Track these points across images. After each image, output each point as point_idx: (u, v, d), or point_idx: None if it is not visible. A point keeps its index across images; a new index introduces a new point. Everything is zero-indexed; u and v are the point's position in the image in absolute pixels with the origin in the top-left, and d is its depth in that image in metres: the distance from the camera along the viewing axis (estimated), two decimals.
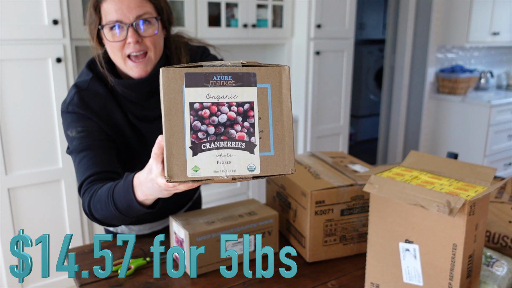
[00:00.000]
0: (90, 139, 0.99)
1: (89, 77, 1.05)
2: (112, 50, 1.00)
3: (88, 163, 0.97)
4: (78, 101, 1.00)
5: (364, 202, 1.18)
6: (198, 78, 0.52)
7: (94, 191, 0.94)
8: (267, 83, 0.52)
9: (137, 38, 0.96)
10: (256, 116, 0.53)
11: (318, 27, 2.84)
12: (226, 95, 0.52)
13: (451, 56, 4.15)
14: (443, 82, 4.02)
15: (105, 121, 1.02)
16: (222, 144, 0.52)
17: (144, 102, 1.06)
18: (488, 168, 0.90)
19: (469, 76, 3.99)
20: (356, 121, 5.57)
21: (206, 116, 0.51)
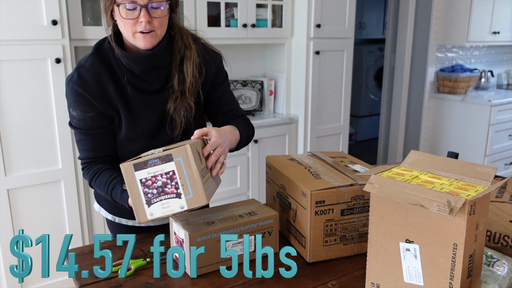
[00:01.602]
0: (87, 126, 1.19)
1: (89, 54, 1.20)
2: (124, 25, 1.12)
3: (85, 147, 1.22)
4: (77, 78, 1.16)
5: (364, 202, 1.18)
6: (140, 165, 0.89)
7: (95, 174, 1.21)
8: (179, 157, 0.89)
9: (148, 18, 1.10)
10: (178, 177, 0.89)
11: (318, 26, 2.83)
12: (158, 170, 0.89)
13: (451, 56, 4.15)
14: (443, 81, 4.01)
15: (98, 96, 1.17)
16: (162, 198, 0.90)
17: (145, 75, 1.19)
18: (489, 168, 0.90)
19: (470, 75, 3.98)
20: (356, 121, 5.57)
21: (149, 184, 0.90)
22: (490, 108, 3.65)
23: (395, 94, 4.14)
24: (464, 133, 3.86)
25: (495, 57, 4.62)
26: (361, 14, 5.44)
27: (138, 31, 1.11)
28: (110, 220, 1.42)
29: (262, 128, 2.81)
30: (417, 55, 4.00)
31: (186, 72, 1.20)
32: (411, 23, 3.92)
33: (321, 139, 3.09)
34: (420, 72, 4.01)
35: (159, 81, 1.22)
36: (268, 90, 3.03)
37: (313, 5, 2.79)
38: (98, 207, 1.44)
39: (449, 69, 4.01)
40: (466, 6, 3.70)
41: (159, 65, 1.19)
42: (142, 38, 1.12)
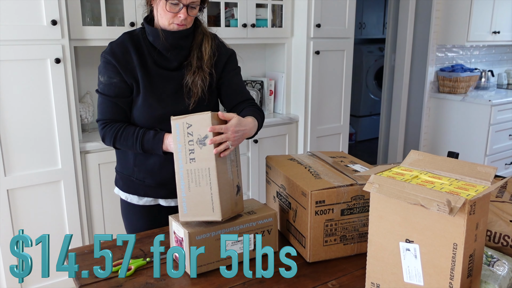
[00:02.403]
0: (112, 92, 1.38)
1: (122, 34, 1.44)
2: (164, 15, 1.34)
3: (107, 109, 1.40)
4: (109, 49, 1.40)
5: (364, 202, 1.18)
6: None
7: (119, 129, 1.38)
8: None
9: (186, 15, 1.34)
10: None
11: (318, 26, 2.83)
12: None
13: (452, 55, 4.15)
14: (443, 81, 4.01)
15: (123, 64, 1.37)
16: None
17: (166, 52, 1.40)
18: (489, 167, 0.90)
19: (470, 75, 3.98)
20: (356, 121, 5.57)
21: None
22: (490, 108, 3.65)
23: (395, 94, 4.14)
24: (464, 133, 3.86)
25: (495, 57, 4.61)
26: (361, 14, 5.44)
27: (174, 23, 1.35)
28: (124, 201, 1.55)
29: (262, 128, 2.80)
30: (417, 55, 4.00)
31: (204, 51, 1.42)
32: (411, 23, 3.92)
33: (321, 139, 3.08)
34: (420, 72, 4.01)
35: (178, 59, 1.42)
36: (268, 90, 3.03)
37: (313, 5, 2.78)
38: (117, 189, 1.57)
39: (449, 68, 4.01)
40: (466, 6, 3.70)
41: (180, 45, 1.40)
42: (176, 27, 1.36)
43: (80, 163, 2.19)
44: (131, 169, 1.49)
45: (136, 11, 2.28)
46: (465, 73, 3.93)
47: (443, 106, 4.00)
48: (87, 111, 2.37)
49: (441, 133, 4.05)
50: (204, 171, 1.10)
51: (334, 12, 2.91)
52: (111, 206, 2.32)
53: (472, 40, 3.78)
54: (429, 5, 3.83)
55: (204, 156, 1.10)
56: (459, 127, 3.90)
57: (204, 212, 1.11)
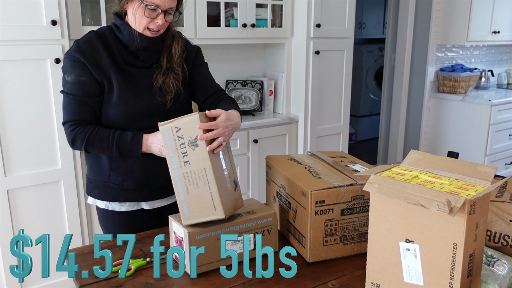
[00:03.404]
0: (79, 91, 1.33)
1: (88, 32, 1.41)
2: (140, 20, 1.33)
3: (75, 109, 1.34)
4: (75, 47, 1.34)
5: (364, 202, 1.18)
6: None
7: (90, 131, 1.32)
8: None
9: (163, 21, 1.33)
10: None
11: (318, 26, 2.83)
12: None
13: (451, 55, 4.15)
14: (443, 81, 4.01)
15: (92, 62, 1.33)
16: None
17: (138, 52, 1.38)
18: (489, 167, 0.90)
19: (470, 75, 3.98)
20: (356, 121, 5.57)
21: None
22: (490, 108, 3.65)
23: (395, 94, 4.14)
24: (464, 133, 3.86)
25: (495, 57, 4.61)
26: (361, 14, 5.44)
27: (148, 27, 1.33)
28: (103, 210, 1.46)
29: (262, 128, 2.81)
30: (417, 54, 4.00)
31: (174, 52, 1.43)
32: (411, 23, 3.91)
33: (321, 139, 3.08)
34: (420, 71, 4.01)
35: (149, 60, 1.41)
36: (268, 90, 3.03)
37: (313, 5, 2.78)
38: (92, 199, 1.48)
39: (449, 68, 4.01)
40: (466, 6, 3.70)
41: (155, 48, 1.40)
42: (149, 35, 1.35)
43: (80, 163, 2.19)
44: (106, 175, 1.41)
45: None
46: (465, 73, 3.93)
47: (443, 106, 4.00)
48: None
49: (441, 133, 4.05)
50: (201, 171, 1.10)
51: (334, 12, 2.91)
52: None
53: (472, 40, 3.78)
54: (429, 5, 3.83)
55: (198, 157, 1.10)
56: (459, 127, 3.90)
57: (206, 213, 1.11)
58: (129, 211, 1.44)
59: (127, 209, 1.44)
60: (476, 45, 4.28)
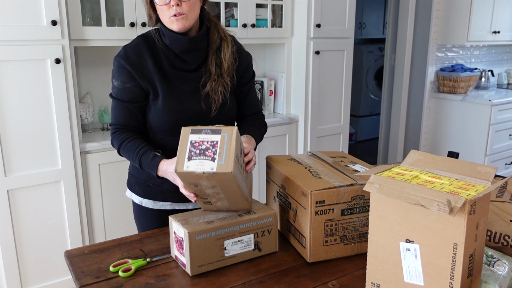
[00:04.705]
0: (124, 97, 1.36)
1: (136, 36, 1.40)
2: (161, 12, 1.30)
3: (119, 114, 1.38)
4: (123, 53, 1.35)
5: (364, 202, 1.18)
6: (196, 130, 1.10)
7: (126, 139, 1.36)
8: (226, 133, 1.09)
9: (177, 1, 1.26)
10: (218, 146, 1.08)
11: (318, 26, 2.83)
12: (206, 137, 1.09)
13: (452, 55, 4.14)
14: (443, 81, 4.01)
15: (138, 69, 1.34)
16: (201, 157, 1.07)
17: (184, 55, 1.35)
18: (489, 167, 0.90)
19: (470, 75, 3.98)
20: (356, 121, 5.57)
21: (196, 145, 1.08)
22: (491, 108, 3.65)
23: (395, 94, 4.14)
24: (464, 133, 3.86)
25: (495, 57, 4.61)
26: (361, 14, 5.44)
27: (171, 15, 1.27)
28: (137, 205, 1.51)
29: None
30: (417, 55, 4.00)
31: (223, 58, 1.38)
32: (411, 23, 3.91)
33: (321, 139, 3.08)
34: (420, 71, 4.01)
35: (195, 62, 1.38)
36: (268, 90, 3.03)
37: (313, 5, 2.78)
38: (130, 193, 1.54)
39: (449, 68, 4.01)
40: (466, 6, 3.70)
41: (197, 48, 1.35)
42: (175, 21, 1.28)
43: (80, 163, 2.19)
44: (147, 174, 1.43)
45: (136, 11, 2.28)
46: (465, 73, 3.93)
47: (443, 106, 4.00)
48: (87, 111, 2.37)
49: (441, 133, 4.05)
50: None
51: (334, 12, 2.91)
52: (111, 206, 2.32)
53: (472, 40, 3.78)
54: (429, 5, 3.83)
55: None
56: (459, 127, 3.90)
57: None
58: (161, 209, 1.48)
59: (159, 208, 1.48)
60: (476, 45, 4.28)
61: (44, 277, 2.21)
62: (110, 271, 1.12)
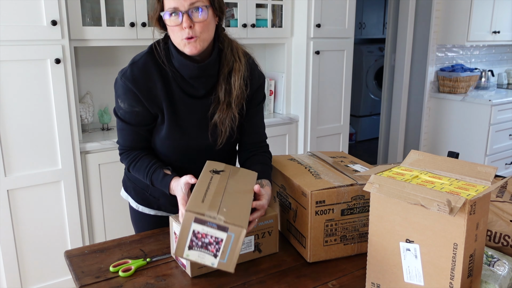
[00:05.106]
0: (132, 120, 1.27)
1: (144, 52, 1.26)
2: (171, 32, 1.19)
3: (126, 137, 1.30)
4: (129, 74, 1.23)
5: (364, 202, 1.18)
6: (201, 221, 0.97)
7: (133, 159, 1.30)
8: (232, 233, 0.97)
9: (190, 23, 1.15)
10: (222, 245, 0.97)
11: (318, 26, 2.83)
12: (210, 232, 0.97)
13: (452, 55, 4.14)
14: (443, 81, 4.01)
15: (146, 93, 1.23)
16: (202, 250, 0.98)
17: (193, 81, 1.25)
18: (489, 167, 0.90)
19: (470, 75, 3.98)
20: (356, 121, 5.57)
21: (199, 237, 0.97)
22: (491, 108, 3.65)
23: (395, 94, 4.14)
24: (465, 133, 3.86)
25: (495, 57, 4.61)
26: (361, 14, 5.44)
27: (184, 38, 1.16)
28: (134, 209, 1.48)
29: None
30: (417, 55, 4.00)
31: (233, 84, 1.26)
32: (411, 23, 3.91)
33: (321, 139, 3.08)
34: (420, 71, 4.01)
35: (205, 87, 1.27)
36: (268, 90, 3.03)
37: (313, 5, 2.78)
38: (126, 195, 1.50)
39: (449, 68, 4.01)
40: (466, 6, 3.70)
41: (208, 74, 1.25)
42: (187, 44, 1.17)
43: (80, 163, 2.19)
44: (145, 184, 1.40)
45: (136, 11, 2.28)
46: (465, 73, 3.93)
47: (443, 106, 4.00)
48: (87, 111, 2.37)
49: (441, 133, 4.05)
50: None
51: (334, 12, 2.91)
52: (111, 206, 2.32)
53: (472, 40, 3.78)
54: (429, 5, 3.83)
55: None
56: (459, 127, 3.90)
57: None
58: (158, 215, 1.45)
59: (156, 214, 1.45)
60: (476, 45, 4.28)
61: (44, 277, 2.21)
62: (110, 271, 1.11)
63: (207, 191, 1.04)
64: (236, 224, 0.96)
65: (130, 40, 2.30)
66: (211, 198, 1.02)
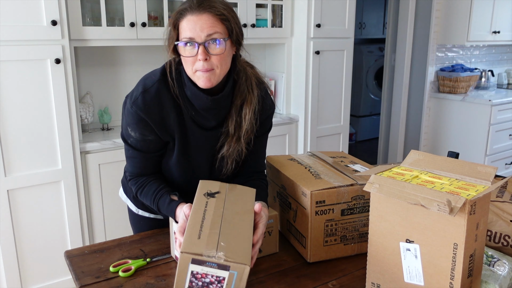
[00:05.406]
0: (144, 148, 1.23)
1: (156, 79, 1.19)
2: (185, 62, 1.14)
3: (138, 165, 1.26)
4: (141, 103, 1.16)
5: (364, 202, 1.18)
6: (198, 261, 0.90)
7: (141, 185, 1.25)
8: (235, 271, 0.90)
9: (206, 55, 1.09)
10: (225, 284, 0.91)
11: (318, 26, 2.83)
12: (211, 271, 0.90)
13: (452, 55, 4.14)
14: (443, 81, 4.01)
15: (159, 123, 1.19)
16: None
17: (204, 112, 1.20)
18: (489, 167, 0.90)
19: (470, 75, 3.98)
20: (356, 121, 5.57)
21: (198, 277, 0.91)
22: (491, 108, 3.65)
23: (395, 94, 4.14)
24: (465, 133, 3.86)
25: (495, 57, 4.61)
26: (361, 14, 5.44)
27: (198, 69, 1.11)
28: (133, 212, 1.46)
29: None
30: (417, 54, 4.00)
31: (244, 117, 1.21)
32: (411, 23, 3.91)
33: (321, 139, 3.08)
34: (420, 71, 4.01)
35: (216, 119, 1.23)
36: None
37: (313, 5, 2.78)
38: (125, 197, 1.48)
39: (449, 68, 4.01)
40: (466, 6, 3.70)
41: (220, 106, 1.20)
42: (201, 77, 1.12)
43: (80, 163, 2.19)
44: None
45: (136, 11, 2.28)
46: (465, 73, 3.93)
47: (443, 106, 4.00)
48: (87, 112, 2.37)
49: (441, 133, 4.05)
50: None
51: (334, 12, 2.91)
52: (111, 207, 2.32)
53: (472, 40, 3.78)
54: (429, 5, 3.83)
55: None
56: (459, 127, 3.90)
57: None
58: (157, 218, 1.44)
59: (155, 217, 1.44)
60: (476, 45, 4.28)
61: (44, 277, 2.21)
62: (110, 271, 1.12)
63: (203, 222, 0.97)
64: (238, 262, 0.89)
65: (130, 40, 2.30)
66: (207, 231, 0.95)
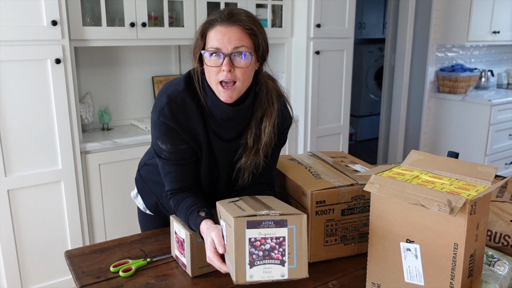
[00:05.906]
0: (179, 157, 1.20)
1: (180, 88, 1.18)
2: (208, 72, 1.13)
3: (175, 179, 1.22)
4: (168, 113, 1.15)
5: (364, 202, 1.18)
6: (254, 223, 0.86)
7: (178, 203, 1.21)
8: (293, 225, 0.86)
9: (230, 67, 1.09)
10: (287, 244, 0.86)
11: (318, 26, 2.83)
12: (269, 233, 0.85)
13: (451, 55, 4.15)
14: (443, 81, 4.01)
15: (187, 131, 1.18)
16: (266, 262, 0.85)
17: (224, 122, 1.19)
18: (489, 167, 0.90)
19: (470, 75, 3.98)
20: (356, 121, 5.57)
21: (258, 245, 0.85)
22: (490, 108, 3.65)
23: (395, 94, 4.14)
24: (464, 133, 3.86)
25: (495, 57, 4.61)
26: (361, 14, 5.44)
27: (220, 80, 1.10)
28: (141, 210, 1.49)
29: None
30: (417, 55, 4.00)
31: (264, 130, 1.20)
32: (411, 23, 3.91)
33: (321, 139, 3.08)
34: (420, 71, 4.01)
35: (235, 131, 1.22)
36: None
37: (313, 5, 2.78)
38: (134, 196, 1.51)
39: (449, 68, 4.01)
40: (466, 6, 3.70)
41: (240, 117, 1.19)
42: (222, 92, 1.12)
43: (80, 163, 2.19)
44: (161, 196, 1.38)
45: (136, 11, 2.28)
46: (465, 73, 3.93)
47: (443, 106, 4.00)
48: (87, 112, 2.37)
49: (441, 133, 4.05)
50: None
51: (334, 12, 2.91)
52: (111, 207, 2.32)
53: (472, 40, 3.78)
54: (429, 5, 3.83)
55: None
56: (459, 127, 3.90)
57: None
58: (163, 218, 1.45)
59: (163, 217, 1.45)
60: (476, 45, 4.28)
61: (44, 277, 2.21)
62: (110, 271, 1.12)
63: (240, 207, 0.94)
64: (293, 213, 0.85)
65: (130, 40, 2.30)
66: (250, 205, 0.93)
